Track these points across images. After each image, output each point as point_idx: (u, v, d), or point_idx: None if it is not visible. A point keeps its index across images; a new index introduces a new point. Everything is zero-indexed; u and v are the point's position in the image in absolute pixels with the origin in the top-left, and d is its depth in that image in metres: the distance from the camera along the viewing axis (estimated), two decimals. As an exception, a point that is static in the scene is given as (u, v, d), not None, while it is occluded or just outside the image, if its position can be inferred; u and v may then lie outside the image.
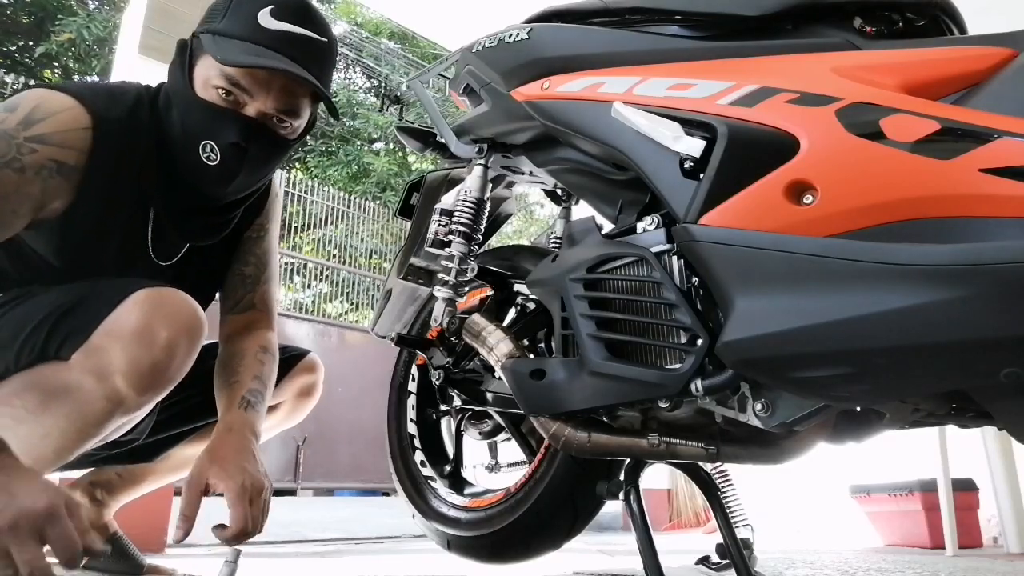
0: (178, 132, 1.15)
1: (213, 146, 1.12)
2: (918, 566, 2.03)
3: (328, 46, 1.20)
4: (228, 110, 1.12)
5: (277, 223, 1.49)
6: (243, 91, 1.12)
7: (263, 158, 1.18)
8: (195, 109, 1.13)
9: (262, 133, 1.15)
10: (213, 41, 1.11)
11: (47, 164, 1.05)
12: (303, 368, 1.52)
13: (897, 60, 0.89)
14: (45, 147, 1.05)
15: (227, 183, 1.16)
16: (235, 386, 1.23)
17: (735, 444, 1.06)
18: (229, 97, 1.12)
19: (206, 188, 1.18)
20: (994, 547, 2.80)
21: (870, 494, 3.04)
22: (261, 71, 1.10)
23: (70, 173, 1.08)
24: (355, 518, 4.26)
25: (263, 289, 1.40)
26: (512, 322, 1.49)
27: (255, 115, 1.14)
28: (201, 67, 1.13)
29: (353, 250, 8.78)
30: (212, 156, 1.13)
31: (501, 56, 1.33)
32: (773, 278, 0.84)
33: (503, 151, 1.44)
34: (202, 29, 1.15)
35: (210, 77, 1.12)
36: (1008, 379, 0.73)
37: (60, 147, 1.07)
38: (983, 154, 0.74)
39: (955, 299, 0.71)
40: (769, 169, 0.86)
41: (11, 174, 1.01)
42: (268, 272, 1.41)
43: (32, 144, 1.04)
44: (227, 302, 1.39)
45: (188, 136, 1.14)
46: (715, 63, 1.04)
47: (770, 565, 2.07)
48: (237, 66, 1.09)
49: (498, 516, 1.41)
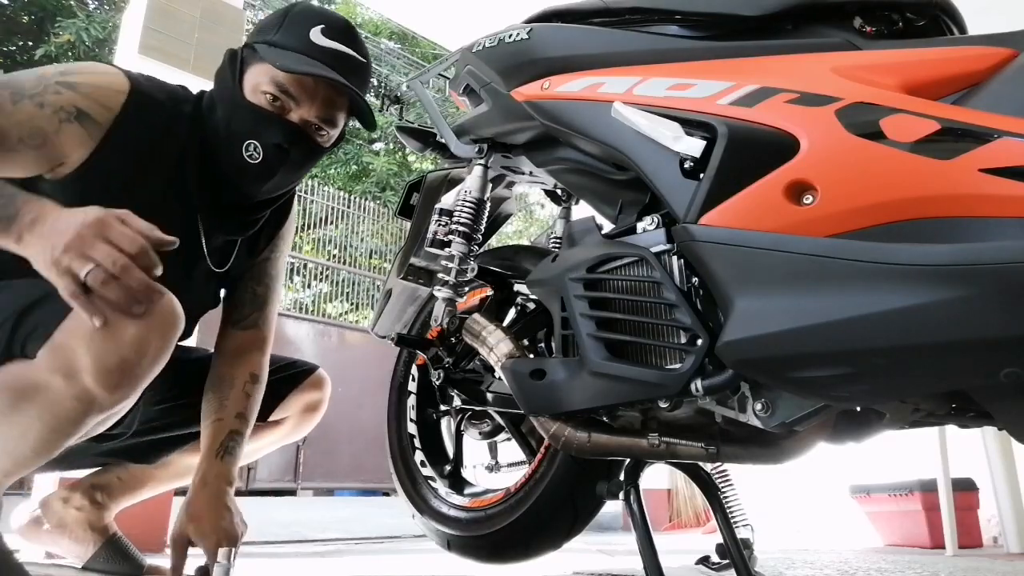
0: (223, 130, 1.22)
1: (257, 145, 1.20)
2: (918, 566, 2.03)
3: (367, 67, 1.30)
4: (275, 114, 1.21)
5: (289, 244, 1.54)
6: (290, 98, 1.21)
7: (300, 162, 1.27)
8: (243, 111, 1.21)
9: (303, 138, 1.24)
10: (270, 50, 1.20)
11: (68, 107, 1.10)
12: (310, 384, 1.56)
13: (897, 60, 0.89)
14: (72, 92, 1.11)
15: (265, 181, 1.24)
16: (217, 425, 1.30)
17: (735, 444, 1.06)
18: (276, 103, 1.21)
19: (244, 184, 1.24)
20: (994, 547, 2.80)
21: (870, 494, 3.04)
22: (309, 80, 1.20)
23: (91, 126, 1.13)
24: (355, 518, 4.26)
25: (269, 310, 1.46)
26: (512, 322, 1.49)
27: (298, 121, 1.22)
28: (252, 73, 1.22)
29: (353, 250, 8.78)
30: (255, 155, 1.20)
31: (501, 56, 1.33)
32: (773, 278, 0.84)
33: (503, 151, 1.44)
34: (257, 40, 1.24)
35: (260, 83, 1.21)
36: (1008, 379, 0.73)
37: (86, 97, 1.12)
38: (983, 154, 0.74)
39: (955, 299, 0.71)
40: (769, 169, 0.86)
41: (30, 106, 1.08)
42: (274, 295, 1.48)
43: (60, 87, 1.10)
44: (232, 315, 1.43)
45: (234, 135, 1.21)
46: (715, 63, 1.04)
47: (770, 565, 2.07)
48: (295, 73, 1.18)
49: (498, 516, 1.41)
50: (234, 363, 1.38)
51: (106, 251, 0.87)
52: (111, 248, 0.87)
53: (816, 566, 1.97)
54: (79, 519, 1.53)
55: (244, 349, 1.40)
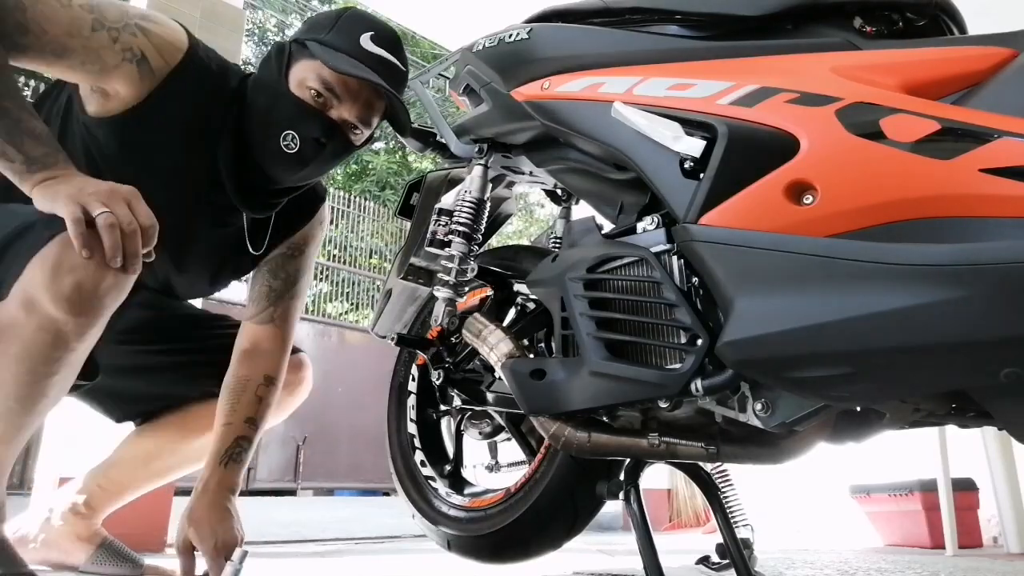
0: (263, 116, 1.27)
1: (295, 136, 1.25)
2: (918, 566, 2.03)
3: (406, 75, 1.36)
4: (317, 110, 1.26)
5: (316, 248, 1.56)
6: (334, 96, 1.25)
7: (332, 156, 1.31)
8: (287, 101, 1.25)
9: (339, 135, 1.28)
10: (322, 49, 1.25)
11: (135, 49, 1.18)
12: (289, 367, 1.55)
13: (897, 60, 0.89)
14: (144, 38, 1.19)
15: (296, 171, 1.29)
16: (226, 431, 1.33)
17: (735, 444, 1.06)
18: (319, 99, 1.25)
19: (273, 170, 1.29)
20: (994, 547, 2.80)
21: (870, 494, 3.04)
22: (354, 82, 1.25)
23: (147, 73, 1.20)
24: (355, 518, 4.26)
25: (286, 305, 1.47)
26: (512, 322, 1.49)
27: (337, 119, 1.27)
28: (299, 68, 1.27)
29: (353, 249, 8.77)
30: (292, 145, 1.25)
31: (501, 56, 1.33)
32: (773, 278, 0.84)
33: (503, 151, 1.44)
34: (308, 37, 1.29)
35: (307, 78, 1.25)
36: (1008, 379, 0.73)
37: (153, 46, 1.20)
38: (983, 154, 0.74)
39: (955, 299, 0.71)
40: (769, 169, 0.86)
41: (106, 38, 1.15)
42: (295, 290, 1.49)
43: (136, 29, 1.18)
44: (250, 309, 1.46)
45: (274, 123, 1.26)
46: (715, 63, 1.04)
47: (770, 565, 2.07)
48: (345, 74, 1.23)
49: (498, 516, 1.41)
50: (250, 363, 1.40)
51: (125, 211, 0.96)
52: (129, 212, 0.96)
53: (816, 566, 1.97)
54: (65, 532, 1.53)
55: (259, 346, 1.42)
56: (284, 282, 1.47)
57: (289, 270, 1.48)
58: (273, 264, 1.47)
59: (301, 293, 1.51)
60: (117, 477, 1.57)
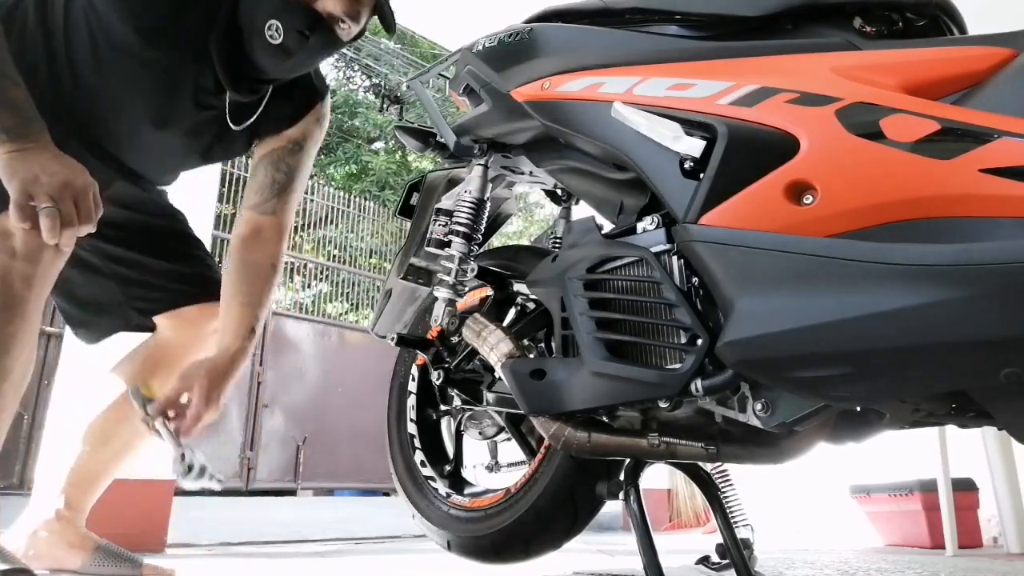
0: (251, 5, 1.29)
1: (279, 27, 1.27)
2: (918, 566, 2.03)
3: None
4: (302, 1, 1.28)
5: (315, 146, 1.60)
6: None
7: (317, 50, 1.34)
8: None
9: (324, 29, 1.30)
10: None
11: None
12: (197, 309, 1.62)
13: (897, 60, 0.89)
14: None
15: (280, 62, 1.32)
16: (246, 310, 1.43)
17: (735, 444, 1.06)
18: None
19: (259, 60, 1.32)
20: (994, 547, 2.80)
21: (870, 494, 3.04)
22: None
23: None
24: (355, 518, 4.26)
25: (286, 198, 1.53)
26: (512, 322, 1.49)
27: (323, 12, 1.29)
28: None
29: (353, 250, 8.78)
30: (275, 36, 1.28)
31: (501, 56, 1.33)
32: (773, 278, 0.84)
33: (503, 151, 1.44)
34: None
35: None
36: (1008, 379, 0.73)
37: None
38: (983, 154, 0.74)
39: (955, 299, 0.71)
40: (769, 169, 0.86)
41: None
42: (295, 184, 1.55)
43: None
44: (251, 199, 1.52)
45: (259, 13, 1.28)
46: (715, 63, 1.04)
47: (770, 565, 2.07)
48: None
49: (498, 516, 1.41)
50: (254, 248, 1.48)
51: (69, 209, 1.09)
52: (73, 209, 1.10)
53: (816, 566, 1.97)
54: (54, 542, 1.55)
55: (261, 235, 1.49)
56: (286, 175, 1.52)
57: (290, 163, 1.53)
58: (275, 157, 1.52)
59: (300, 188, 1.58)
60: (85, 467, 1.60)
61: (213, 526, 3.32)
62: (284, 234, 1.53)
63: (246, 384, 6.21)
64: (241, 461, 6.11)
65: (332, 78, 13.47)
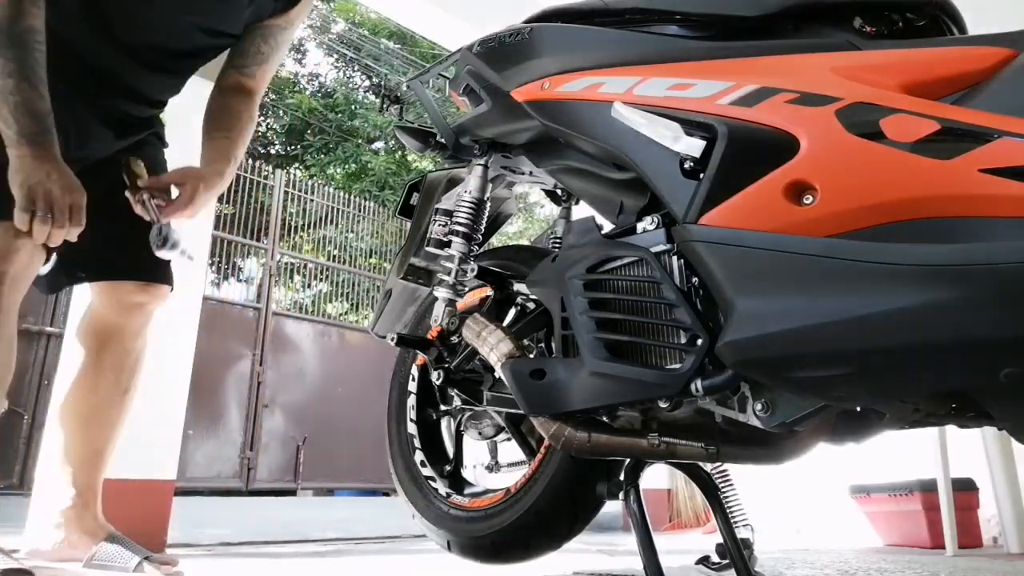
0: None
1: None
2: (918, 566, 2.03)
3: None
4: None
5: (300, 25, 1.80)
6: None
7: None
8: None
9: None
10: None
11: None
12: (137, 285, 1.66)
13: (897, 60, 0.89)
14: None
15: None
16: (226, 141, 1.62)
17: (735, 444, 1.06)
18: None
19: None
20: (994, 547, 2.80)
21: (870, 494, 3.04)
22: None
23: None
24: (355, 518, 4.26)
25: (266, 68, 1.72)
26: (512, 322, 1.49)
27: None
28: None
29: (353, 249, 8.77)
30: None
31: (501, 56, 1.33)
32: (773, 278, 0.84)
33: (503, 151, 1.44)
34: None
35: None
36: (1008, 379, 0.73)
37: None
38: (983, 154, 0.74)
39: (955, 299, 0.71)
40: (769, 169, 0.86)
41: None
42: (275, 57, 1.72)
43: None
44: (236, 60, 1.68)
45: None
46: (715, 63, 1.04)
47: (770, 565, 2.07)
48: None
49: (498, 516, 1.41)
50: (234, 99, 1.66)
51: (62, 217, 1.26)
52: (66, 217, 1.26)
53: (816, 566, 1.97)
54: (71, 529, 1.56)
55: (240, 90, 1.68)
56: (272, 48, 1.69)
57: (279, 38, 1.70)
58: (268, 31, 1.67)
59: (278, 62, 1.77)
60: (79, 450, 1.62)
61: (213, 526, 3.32)
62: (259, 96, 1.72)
63: (246, 384, 6.21)
64: (241, 461, 6.10)
65: (332, 78, 13.48)
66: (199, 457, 5.75)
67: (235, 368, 6.18)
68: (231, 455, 6.07)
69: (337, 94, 12.69)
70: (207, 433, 5.82)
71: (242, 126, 1.66)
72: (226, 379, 6.08)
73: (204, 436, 5.77)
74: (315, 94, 12.89)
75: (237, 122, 1.65)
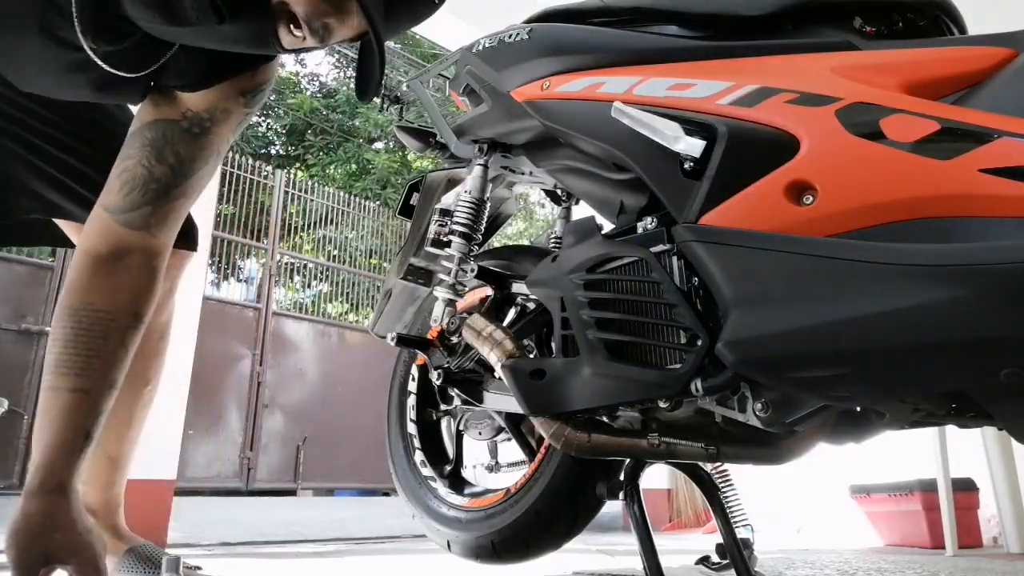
0: None
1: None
2: (918, 566, 2.03)
3: None
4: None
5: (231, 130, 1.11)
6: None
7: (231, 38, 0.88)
8: None
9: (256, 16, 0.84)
10: None
11: None
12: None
13: (897, 60, 0.89)
14: None
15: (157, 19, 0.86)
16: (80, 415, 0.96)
17: (735, 444, 1.06)
18: None
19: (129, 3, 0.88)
20: (994, 547, 2.80)
21: (870, 494, 3.05)
22: None
23: None
24: (355, 518, 4.27)
25: (169, 208, 1.06)
26: (512, 322, 1.49)
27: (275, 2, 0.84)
28: None
29: (353, 249, 8.78)
30: None
31: (501, 56, 1.33)
32: (773, 278, 0.84)
33: (503, 151, 1.44)
34: None
35: None
36: (1008, 379, 0.73)
37: None
38: (983, 154, 0.74)
39: (955, 299, 0.71)
40: (769, 169, 0.86)
41: None
42: (185, 187, 1.07)
43: None
44: (110, 197, 1.04)
45: None
46: (715, 63, 1.04)
47: (770, 565, 2.07)
48: None
49: (498, 516, 1.41)
50: (110, 287, 1.01)
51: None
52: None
53: (816, 566, 1.97)
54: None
55: (124, 261, 1.03)
56: (172, 170, 1.03)
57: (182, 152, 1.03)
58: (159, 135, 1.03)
59: (193, 195, 1.07)
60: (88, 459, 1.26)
61: (213, 526, 3.32)
62: (160, 270, 1.03)
63: (246, 384, 6.21)
64: (241, 461, 6.11)
65: (332, 78, 13.48)
66: (199, 457, 5.75)
67: (235, 368, 6.18)
68: (231, 455, 6.07)
69: (339, 94, 12.70)
70: (207, 433, 5.83)
71: (117, 357, 1.00)
72: (226, 379, 6.08)
73: (204, 436, 5.78)
74: (316, 94, 12.90)
75: (114, 358, 0.99)
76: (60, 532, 0.89)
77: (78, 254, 1.03)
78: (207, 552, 2.45)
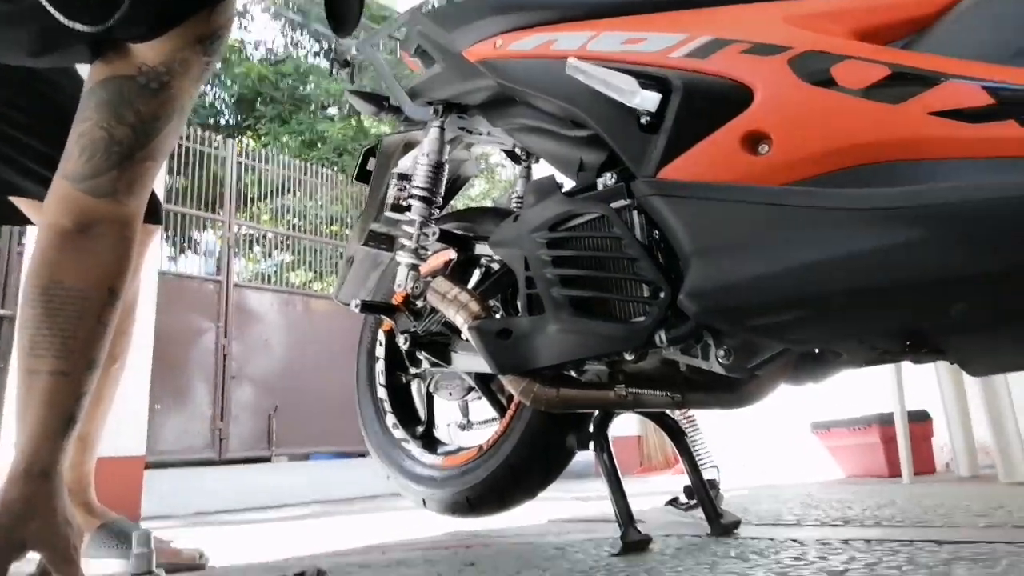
0: None
1: None
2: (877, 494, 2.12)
3: None
4: None
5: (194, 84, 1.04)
6: None
7: None
8: None
9: None
10: None
11: None
12: None
13: (847, 7, 0.90)
14: None
15: None
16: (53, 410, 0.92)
17: (700, 391, 1.09)
18: None
19: None
20: (946, 472, 2.94)
21: (830, 430, 3.15)
22: None
23: None
24: (332, 481, 4.29)
25: (135, 171, 0.99)
26: (477, 283, 1.49)
27: None
28: None
29: (313, 218, 8.64)
30: None
31: (451, 15, 1.30)
32: (731, 228, 0.85)
33: (459, 112, 1.43)
34: None
35: None
36: (958, 315, 0.76)
37: None
38: (931, 97, 0.75)
39: (907, 240, 0.73)
40: (724, 120, 0.87)
41: None
42: (152, 147, 1.01)
43: None
44: (69, 164, 0.97)
45: None
46: (668, 15, 1.03)
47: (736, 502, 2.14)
48: None
49: (472, 472, 1.43)
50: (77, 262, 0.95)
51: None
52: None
53: (780, 500, 2.04)
54: None
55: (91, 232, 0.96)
56: (134, 130, 0.95)
57: (143, 110, 0.96)
58: (116, 92, 0.95)
59: (161, 156, 1.01)
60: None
61: (187, 497, 3.31)
62: (132, 240, 0.97)
63: (211, 357, 6.15)
64: (212, 432, 6.07)
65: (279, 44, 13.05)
66: (168, 432, 5.69)
67: (199, 342, 6.10)
68: (201, 428, 6.02)
69: (287, 62, 12.31)
70: (175, 407, 5.76)
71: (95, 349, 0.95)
72: (190, 353, 6.00)
73: (172, 410, 5.72)
74: (264, 61, 12.49)
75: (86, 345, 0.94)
76: (39, 521, 0.87)
77: (42, 230, 0.95)
78: (182, 523, 2.45)
